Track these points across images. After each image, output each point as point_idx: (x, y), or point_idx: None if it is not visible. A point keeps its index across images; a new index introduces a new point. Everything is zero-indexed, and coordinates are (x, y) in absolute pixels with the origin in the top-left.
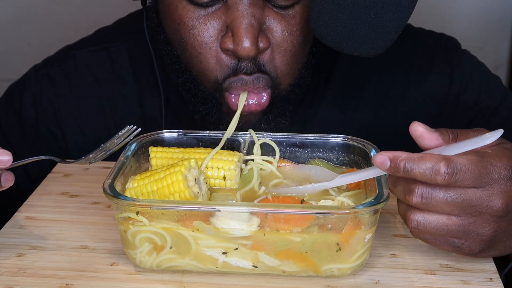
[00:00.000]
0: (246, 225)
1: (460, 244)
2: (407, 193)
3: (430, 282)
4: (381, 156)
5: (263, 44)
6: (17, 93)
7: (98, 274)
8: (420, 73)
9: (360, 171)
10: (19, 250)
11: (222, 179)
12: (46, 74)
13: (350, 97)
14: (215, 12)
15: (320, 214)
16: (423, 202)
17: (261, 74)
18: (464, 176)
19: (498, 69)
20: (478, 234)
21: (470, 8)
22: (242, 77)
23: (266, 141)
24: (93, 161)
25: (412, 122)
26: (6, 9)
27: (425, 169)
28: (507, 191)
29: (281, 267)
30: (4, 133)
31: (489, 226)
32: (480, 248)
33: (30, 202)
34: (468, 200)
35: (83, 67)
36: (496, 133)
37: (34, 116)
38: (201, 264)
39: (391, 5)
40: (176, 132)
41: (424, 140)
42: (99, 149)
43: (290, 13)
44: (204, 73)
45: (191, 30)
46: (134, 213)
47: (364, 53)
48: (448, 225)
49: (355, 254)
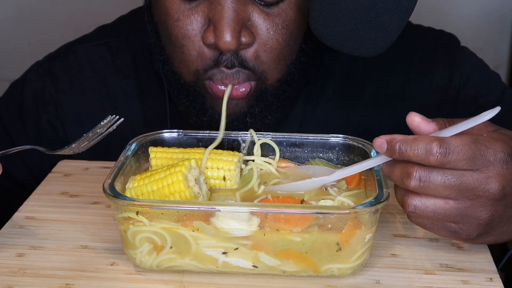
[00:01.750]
0: (246, 225)
1: (457, 229)
2: (405, 177)
3: (430, 282)
4: (380, 139)
5: (245, 39)
6: (19, 88)
7: (98, 274)
8: (420, 70)
9: (358, 163)
10: (19, 250)
11: (222, 179)
12: (47, 69)
13: (349, 95)
14: (199, 6)
15: (320, 214)
16: (421, 186)
17: (243, 69)
18: (457, 157)
19: (498, 69)
20: (475, 218)
21: (470, 8)
22: (222, 69)
23: (266, 141)
24: (76, 151)
25: (408, 113)
26: (6, 9)
27: (418, 149)
28: (503, 174)
29: (281, 267)
30: (5, 127)
31: (486, 210)
32: (477, 232)
33: (30, 202)
34: (465, 183)
35: (84, 61)
36: (493, 110)
37: (35, 110)
38: (201, 264)
39: (391, 5)
40: (176, 132)
41: (422, 130)
42: (82, 139)
43: (275, 11)
44: (186, 65)
45: (176, 22)
46: (134, 213)
47: (364, 53)
48: (445, 209)
49: (355, 254)
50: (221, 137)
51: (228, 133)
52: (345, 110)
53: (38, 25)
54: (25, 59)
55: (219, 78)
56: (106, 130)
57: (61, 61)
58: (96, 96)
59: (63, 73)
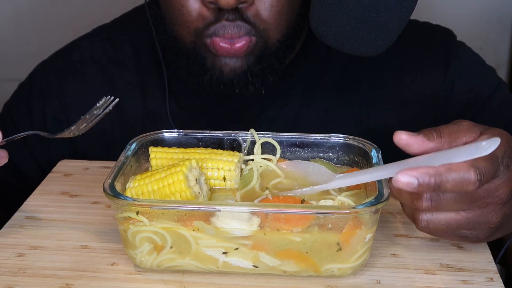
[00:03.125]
0: (246, 225)
1: (468, 234)
2: (416, 199)
3: (430, 282)
4: (406, 177)
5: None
6: (27, 87)
7: (98, 274)
8: (416, 64)
9: (358, 173)
10: (19, 250)
11: (222, 179)
12: (52, 66)
13: (345, 89)
14: None
15: (321, 214)
16: (433, 205)
17: (244, 23)
18: (487, 178)
19: (498, 69)
20: (487, 223)
21: (470, 8)
22: (223, 23)
23: (267, 140)
24: (76, 133)
25: (394, 132)
26: (6, 9)
27: (456, 180)
28: (509, 178)
29: (282, 267)
30: (16, 125)
31: (496, 214)
32: (487, 235)
33: (30, 201)
34: (475, 195)
35: (87, 55)
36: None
37: (41, 106)
38: (202, 264)
39: (392, 5)
40: (176, 132)
41: (412, 146)
42: (80, 121)
43: None
44: (186, 26)
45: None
46: (134, 213)
47: (365, 52)
48: (457, 220)
49: (355, 254)
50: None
51: (228, 133)
52: (340, 105)
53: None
54: (24, 59)
55: (221, 32)
56: (103, 111)
57: (64, 57)
58: (98, 87)
59: (66, 68)
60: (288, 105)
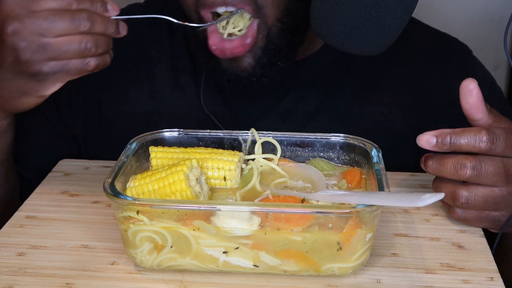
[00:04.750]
0: (246, 224)
1: (500, 217)
2: (460, 168)
3: (431, 281)
4: (426, 136)
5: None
6: None
7: (99, 274)
8: (437, 72)
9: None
10: (19, 249)
11: (222, 179)
12: None
13: (367, 89)
14: None
15: (321, 213)
16: (475, 174)
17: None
18: (502, 143)
19: (498, 69)
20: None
21: (470, 8)
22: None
23: (267, 139)
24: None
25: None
26: None
27: (469, 138)
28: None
29: (282, 267)
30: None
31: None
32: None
33: (31, 201)
34: (509, 168)
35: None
36: (437, 196)
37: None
38: (202, 264)
39: (392, 4)
40: (176, 132)
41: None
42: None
43: None
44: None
45: None
46: (135, 212)
47: (365, 52)
48: (493, 197)
49: (356, 253)
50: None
51: (229, 132)
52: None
53: None
54: None
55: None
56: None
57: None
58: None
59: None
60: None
